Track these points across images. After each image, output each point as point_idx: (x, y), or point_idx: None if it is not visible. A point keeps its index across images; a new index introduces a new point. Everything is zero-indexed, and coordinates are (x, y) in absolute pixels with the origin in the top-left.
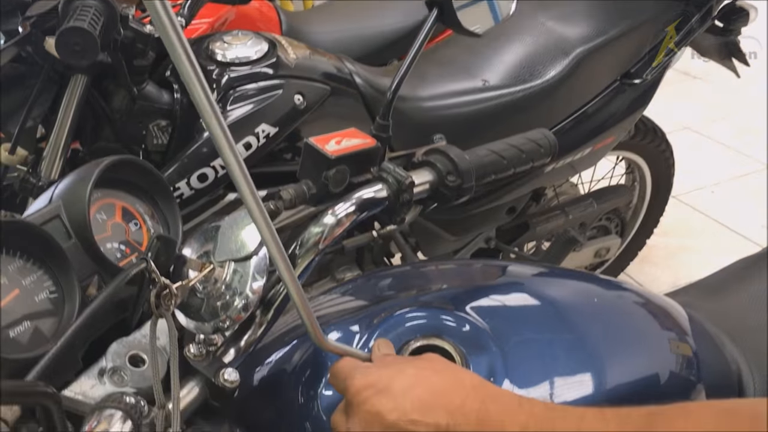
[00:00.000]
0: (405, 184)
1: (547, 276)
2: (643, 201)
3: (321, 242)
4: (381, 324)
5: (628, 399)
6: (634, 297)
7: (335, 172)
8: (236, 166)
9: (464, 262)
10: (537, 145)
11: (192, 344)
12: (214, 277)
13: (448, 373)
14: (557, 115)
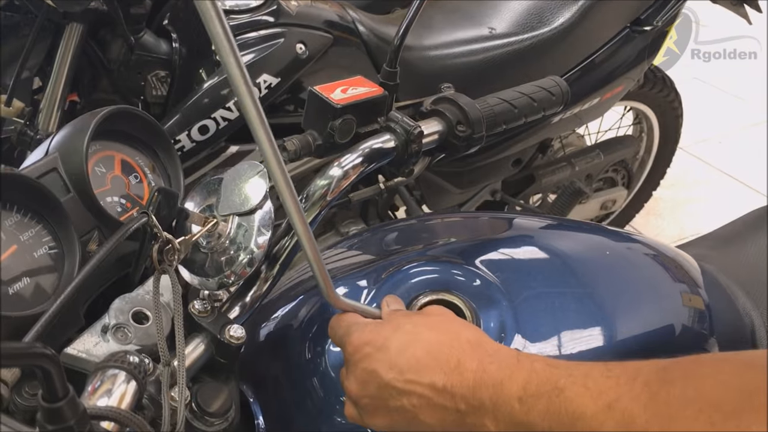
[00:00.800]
0: (414, 134)
1: (556, 228)
2: (650, 152)
3: (328, 195)
4: (389, 278)
5: (640, 352)
6: (645, 249)
7: (341, 122)
8: (253, 109)
9: (471, 214)
10: (549, 93)
11: (197, 300)
12: (218, 232)
13: (444, 329)
14: (565, 64)
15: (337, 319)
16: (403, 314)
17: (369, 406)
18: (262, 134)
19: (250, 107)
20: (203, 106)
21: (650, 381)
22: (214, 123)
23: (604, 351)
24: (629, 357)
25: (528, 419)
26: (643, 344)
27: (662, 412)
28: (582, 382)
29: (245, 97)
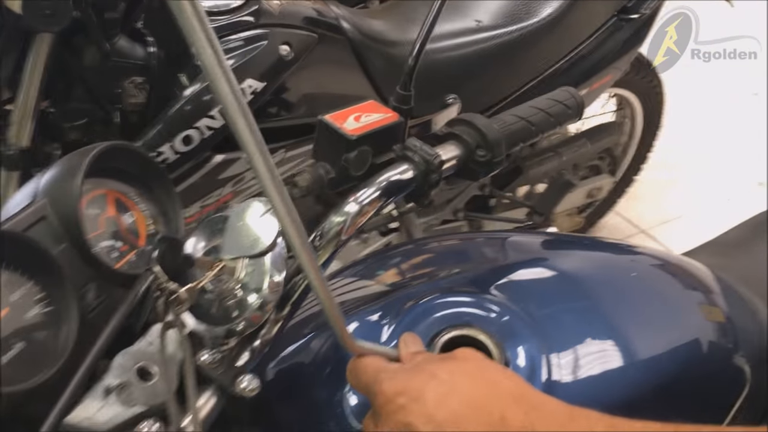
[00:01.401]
0: (434, 164)
1: (567, 247)
2: (634, 138)
3: (343, 233)
4: (407, 315)
5: (672, 373)
6: (658, 262)
7: (356, 153)
8: (252, 143)
9: (474, 235)
10: (564, 106)
11: (205, 351)
12: (226, 275)
13: (485, 378)
14: (554, 55)
15: (359, 363)
16: (433, 359)
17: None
18: (263, 169)
19: (249, 140)
20: (186, 115)
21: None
22: (198, 133)
23: (637, 377)
24: (662, 379)
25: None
26: (674, 364)
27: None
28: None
29: (244, 132)
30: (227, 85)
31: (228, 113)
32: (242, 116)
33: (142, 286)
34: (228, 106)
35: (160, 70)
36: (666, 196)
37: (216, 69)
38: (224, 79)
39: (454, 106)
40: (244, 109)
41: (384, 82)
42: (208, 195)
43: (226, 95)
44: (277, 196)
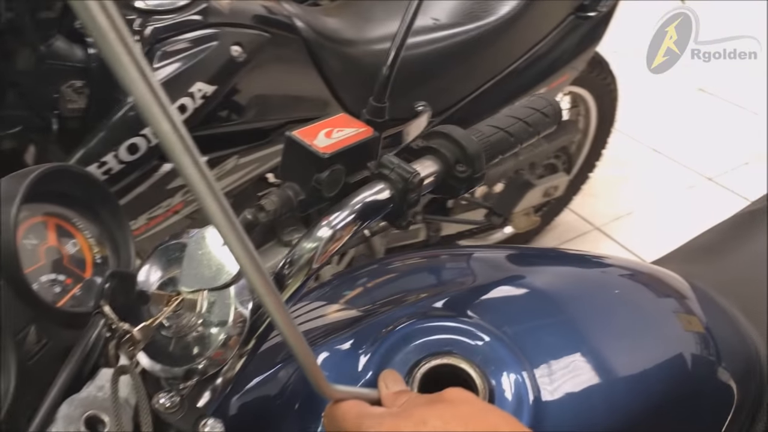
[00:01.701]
0: (412, 182)
1: (535, 261)
2: (588, 135)
3: (315, 260)
4: (382, 344)
5: (661, 393)
6: (632, 273)
7: (329, 173)
8: (193, 168)
9: (435, 253)
10: (543, 115)
11: (161, 393)
12: (185, 309)
13: (479, 422)
14: (512, 54)
15: (338, 409)
16: (420, 402)
17: None
18: (211, 202)
19: (188, 164)
20: (131, 122)
21: None
22: (145, 141)
23: (626, 399)
24: (651, 397)
25: None
26: (661, 383)
27: None
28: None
29: (175, 145)
30: (157, 105)
31: (159, 129)
32: (179, 139)
33: (93, 332)
34: (158, 125)
35: (100, 73)
36: (617, 192)
37: (140, 85)
38: (151, 96)
39: (425, 114)
40: (178, 127)
41: (340, 83)
42: (156, 206)
43: (157, 117)
44: (231, 231)
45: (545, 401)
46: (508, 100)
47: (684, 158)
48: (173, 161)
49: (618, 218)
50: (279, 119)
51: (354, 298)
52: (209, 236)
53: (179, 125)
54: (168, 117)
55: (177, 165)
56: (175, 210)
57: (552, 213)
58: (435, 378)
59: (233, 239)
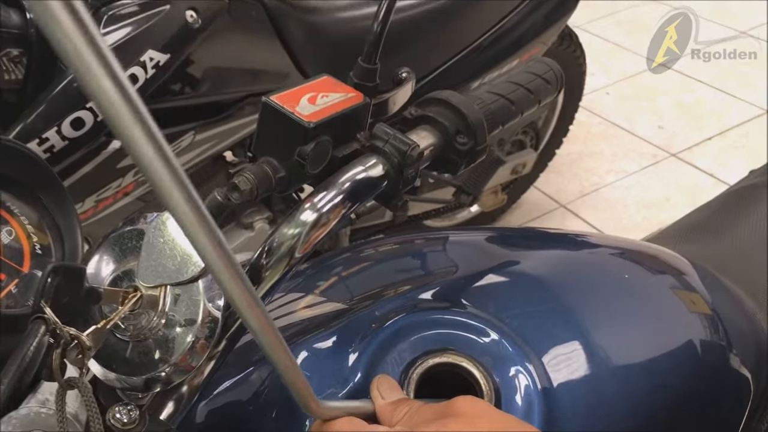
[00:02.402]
0: (411, 156)
1: (524, 243)
2: (554, 111)
3: (297, 249)
4: (372, 340)
5: (675, 377)
6: (632, 253)
7: (315, 146)
8: (143, 137)
9: (412, 237)
10: (544, 81)
11: (119, 408)
12: (144, 308)
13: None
14: (481, 26)
15: (330, 429)
16: (426, 416)
17: None
18: (166, 180)
19: (144, 148)
20: (75, 95)
21: None
22: (91, 114)
23: (640, 393)
24: (666, 391)
25: None
26: (673, 367)
27: None
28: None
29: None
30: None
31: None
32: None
33: (33, 340)
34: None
35: (40, 41)
36: (581, 168)
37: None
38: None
39: (409, 81)
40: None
41: (304, 53)
42: (105, 187)
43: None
44: (193, 217)
45: (556, 396)
46: (477, 74)
47: (646, 133)
48: (115, 128)
49: (585, 195)
50: (238, 92)
51: (331, 290)
52: (169, 222)
53: (127, 86)
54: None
55: (118, 129)
56: (125, 191)
57: (518, 191)
58: (433, 378)
59: (195, 226)
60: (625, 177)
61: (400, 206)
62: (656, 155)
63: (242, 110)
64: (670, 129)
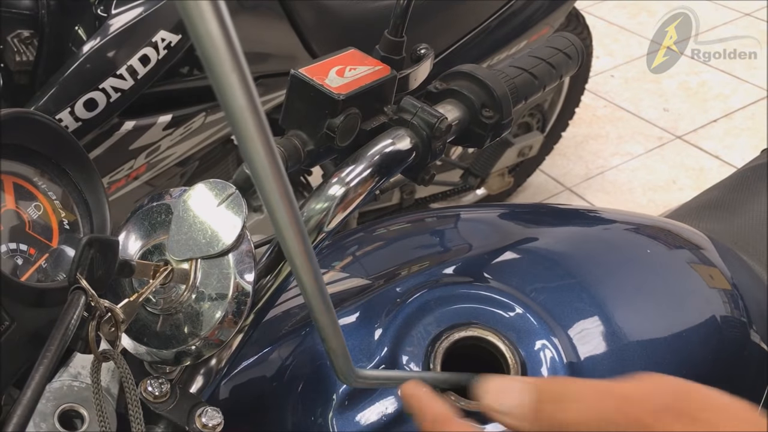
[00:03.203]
0: (439, 128)
1: (539, 220)
2: (561, 93)
3: (326, 223)
4: (397, 315)
5: (698, 352)
6: (648, 227)
7: (344, 118)
8: (242, 97)
9: (422, 216)
10: (566, 55)
11: (150, 381)
12: (174, 282)
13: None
14: (490, 7)
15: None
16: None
17: None
18: (253, 132)
19: (237, 94)
20: (87, 76)
21: None
22: (104, 95)
23: (663, 362)
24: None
25: None
26: (695, 342)
27: None
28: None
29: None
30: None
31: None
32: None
33: (74, 311)
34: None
35: (51, 22)
36: (586, 151)
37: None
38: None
39: (429, 58)
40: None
41: (315, 36)
42: (118, 168)
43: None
44: (271, 171)
45: (582, 370)
46: (485, 55)
47: (651, 115)
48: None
49: (590, 178)
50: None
51: (350, 267)
52: (198, 196)
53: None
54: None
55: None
56: (137, 173)
57: (524, 173)
58: (459, 351)
59: (270, 181)
60: (631, 159)
61: (428, 180)
62: (662, 138)
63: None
64: (676, 111)
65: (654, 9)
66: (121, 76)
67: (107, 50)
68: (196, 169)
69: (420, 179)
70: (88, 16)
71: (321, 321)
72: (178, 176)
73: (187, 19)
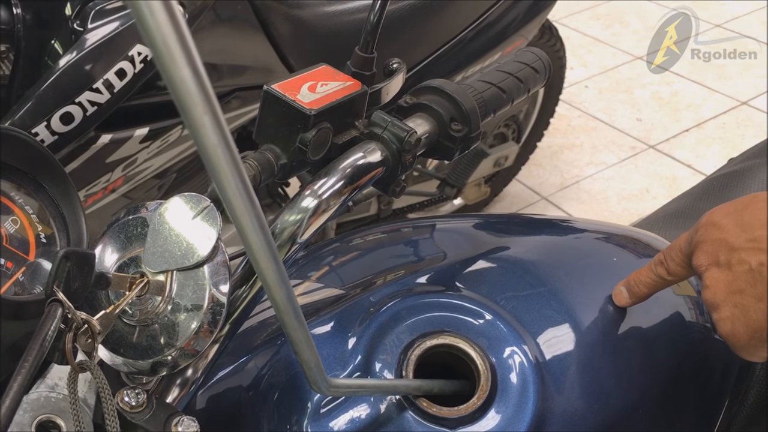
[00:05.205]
0: (409, 142)
1: (511, 229)
2: (536, 104)
3: (299, 235)
4: (369, 325)
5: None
6: (617, 237)
7: (317, 133)
8: (207, 115)
9: (398, 226)
10: (533, 70)
11: (126, 391)
12: (150, 294)
13: None
14: (465, 19)
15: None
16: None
17: None
18: (218, 152)
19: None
20: (64, 89)
21: None
22: (80, 109)
23: (632, 375)
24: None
25: None
26: (659, 345)
27: None
28: None
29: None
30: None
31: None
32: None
33: (51, 323)
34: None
35: (27, 36)
36: (562, 161)
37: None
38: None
39: (401, 72)
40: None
41: (290, 48)
42: (95, 182)
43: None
44: (237, 190)
45: (550, 374)
46: (460, 67)
47: (625, 125)
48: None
49: (565, 188)
50: (224, 86)
51: (325, 278)
52: (173, 209)
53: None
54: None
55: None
56: (114, 186)
57: (501, 183)
58: (431, 359)
59: (240, 203)
60: (605, 169)
61: (398, 192)
62: (635, 147)
63: (229, 104)
64: (649, 121)
65: (627, 20)
66: (97, 89)
67: (83, 64)
68: (174, 181)
69: (391, 191)
70: (64, 30)
71: (293, 335)
72: (155, 188)
73: (145, 31)
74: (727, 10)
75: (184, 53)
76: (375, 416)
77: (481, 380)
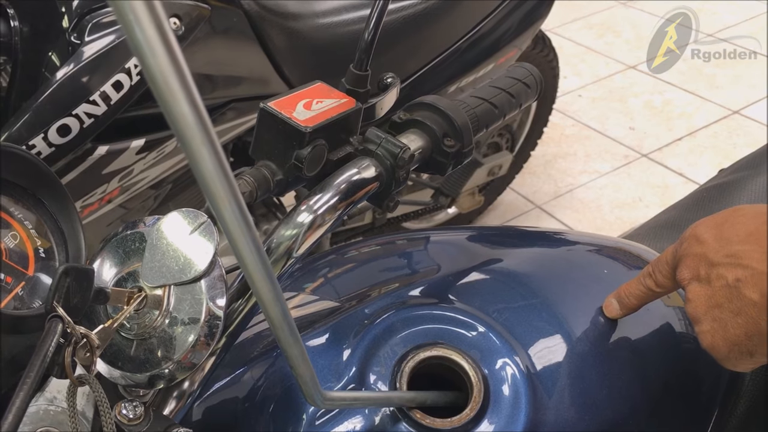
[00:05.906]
0: (402, 158)
1: (505, 242)
2: (529, 113)
3: (295, 249)
4: (364, 336)
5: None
6: (608, 249)
7: (312, 149)
8: (197, 130)
9: (393, 239)
10: (525, 85)
11: (125, 404)
12: (148, 308)
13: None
14: (458, 30)
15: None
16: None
17: None
18: (211, 168)
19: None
20: (61, 102)
21: None
22: (77, 121)
23: (622, 381)
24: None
25: None
26: (649, 356)
27: None
28: None
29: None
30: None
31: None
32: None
33: (52, 339)
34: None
35: (24, 48)
36: (555, 169)
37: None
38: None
39: (395, 87)
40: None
41: (286, 59)
42: (91, 193)
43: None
44: (231, 211)
45: (542, 386)
46: (454, 78)
47: (618, 134)
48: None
49: (558, 196)
50: (220, 98)
51: (320, 290)
52: (171, 224)
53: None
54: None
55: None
56: (110, 197)
57: (495, 192)
58: (424, 371)
59: (234, 222)
60: (599, 177)
61: (392, 206)
62: (628, 156)
63: (224, 116)
64: (641, 130)
65: (620, 29)
66: (94, 102)
67: (81, 76)
68: (170, 191)
69: (385, 206)
70: (61, 42)
71: (288, 350)
72: (151, 198)
73: (138, 53)
74: (727, 11)
75: (185, 93)
76: (369, 428)
77: (474, 392)
